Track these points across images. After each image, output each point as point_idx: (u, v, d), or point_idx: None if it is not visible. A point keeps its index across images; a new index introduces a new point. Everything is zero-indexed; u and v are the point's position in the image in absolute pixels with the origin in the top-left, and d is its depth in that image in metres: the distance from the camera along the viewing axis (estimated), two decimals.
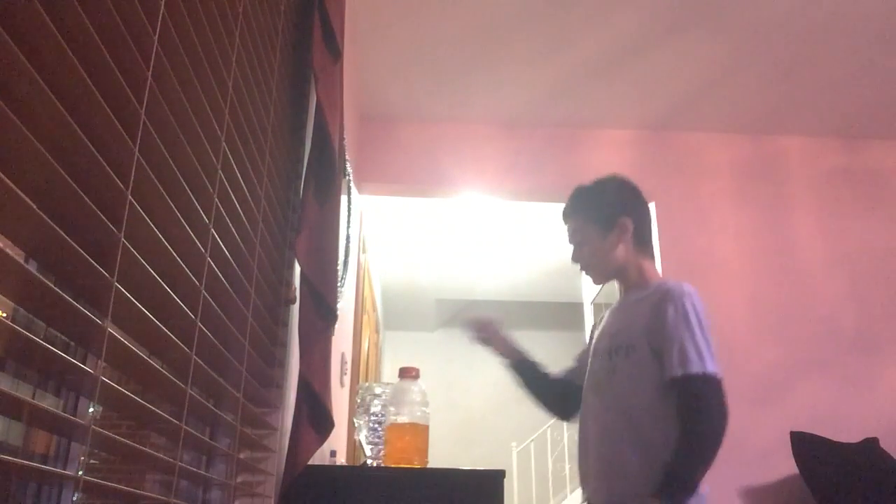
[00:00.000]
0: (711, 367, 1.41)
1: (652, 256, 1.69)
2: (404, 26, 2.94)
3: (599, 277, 1.71)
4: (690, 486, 1.36)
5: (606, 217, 1.66)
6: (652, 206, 3.57)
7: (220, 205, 1.05)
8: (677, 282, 1.53)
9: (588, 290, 5.46)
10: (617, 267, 1.66)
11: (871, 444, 2.88)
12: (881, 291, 3.44)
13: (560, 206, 1.79)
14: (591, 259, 1.68)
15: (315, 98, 1.67)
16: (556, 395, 1.81)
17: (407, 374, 1.73)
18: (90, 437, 0.69)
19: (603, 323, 1.70)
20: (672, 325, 1.45)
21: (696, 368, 1.40)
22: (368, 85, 3.33)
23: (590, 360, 1.66)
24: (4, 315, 0.72)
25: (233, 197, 1.14)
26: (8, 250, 0.54)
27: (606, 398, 1.54)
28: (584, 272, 1.72)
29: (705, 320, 1.47)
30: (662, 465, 1.38)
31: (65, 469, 0.87)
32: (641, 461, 1.43)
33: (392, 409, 1.69)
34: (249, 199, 1.25)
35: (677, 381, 1.41)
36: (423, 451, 1.66)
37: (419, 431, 1.66)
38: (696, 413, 1.39)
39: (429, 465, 1.69)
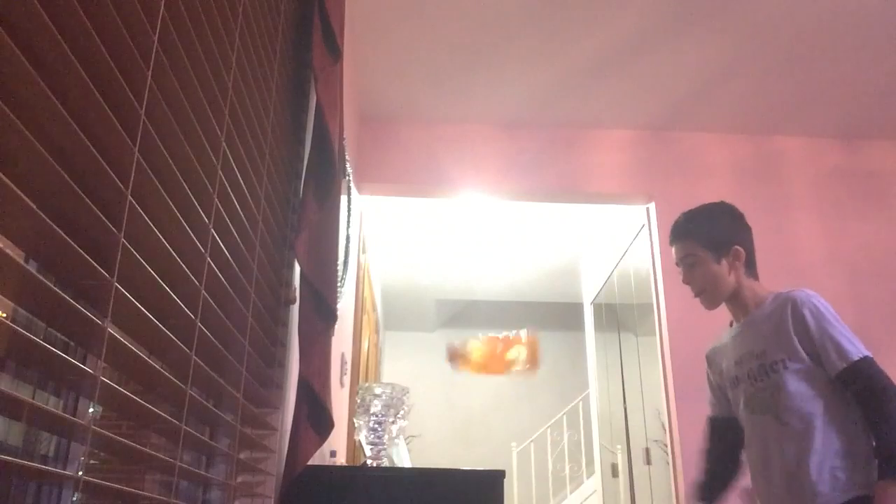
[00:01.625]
0: (865, 351, 1.53)
1: (757, 277, 1.76)
2: (404, 26, 2.94)
3: (713, 303, 1.74)
4: None
5: (720, 244, 1.74)
6: (652, 207, 3.57)
7: (220, 205, 1.05)
8: (798, 289, 1.65)
9: (588, 291, 5.46)
10: (730, 292, 1.72)
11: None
12: (881, 291, 3.44)
13: (560, 207, 1.80)
14: (704, 284, 1.72)
15: (315, 98, 1.67)
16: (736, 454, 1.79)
17: None
18: (90, 437, 0.69)
19: (733, 350, 1.72)
20: (816, 327, 1.56)
21: (854, 356, 1.51)
22: (368, 85, 3.33)
23: (737, 387, 1.69)
24: (4, 315, 0.72)
25: (233, 197, 1.14)
26: (8, 250, 0.54)
27: (782, 414, 1.57)
28: (697, 296, 1.75)
29: (835, 314, 1.60)
30: (878, 454, 1.44)
31: (65, 469, 0.87)
32: (833, 463, 1.49)
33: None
34: (249, 199, 1.25)
35: (845, 373, 1.51)
36: (506, 365, 1.69)
37: (530, 343, 1.70)
38: (874, 393, 1.48)
39: (429, 466, 1.70)
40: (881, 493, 1.40)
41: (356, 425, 1.80)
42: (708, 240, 1.75)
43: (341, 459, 2.49)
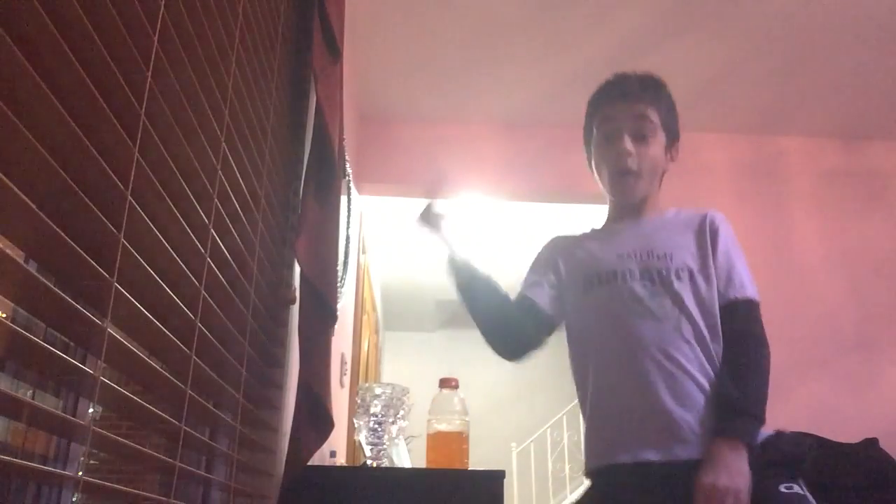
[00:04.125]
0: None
1: None
2: (404, 26, 2.94)
3: (635, 193, 1.41)
4: (762, 418, 1.22)
5: (674, 131, 1.45)
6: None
7: (219, 205, 1.05)
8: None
9: None
10: (653, 188, 1.44)
11: (871, 444, 2.88)
12: (881, 291, 3.44)
13: (560, 207, 1.75)
14: (644, 165, 1.39)
15: (315, 98, 1.67)
16: (511, 320, 1.48)
17: (447, 384, 1.80)
18: (90, 437, 0.69)
19: (614, 244, 1.42)
20: (731, 246, 1.37)
21: (754, 295, 1.33)
22: (368, 85, 3.33)
23: (604, 284, 1.37)
24: (4, 315, 0.72)
25: (233, 197, 1.13)
26: (8, 250, 0.54)
27: (666, 325, 1.28)
28: (622, 175, 1.40)
29: None
30: (727, 401, 1.22)
31: (65, 469, 0.86)
32: (708, 392, 1.26)
33: (433, 417, 1.76)
34: (249, 199, 1.25)
35: (738, 304, 1.31)
36: (465, 455, 1.74)
37: (461, 439, 1.75)
38: (755, 337, 1.28)
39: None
40: (717, 452, 1.17)
41: (356, 425, 1.80)
42: (668, 118, 1.43)
43: (341, 459, 2.49)
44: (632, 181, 1.40)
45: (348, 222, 2.58)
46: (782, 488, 1.19)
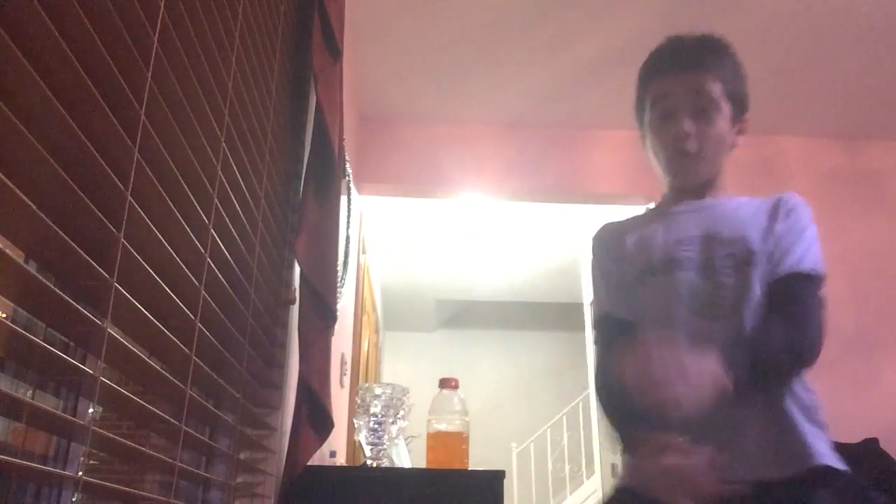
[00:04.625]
0: None
1: None
2: (404, 26, 2.94)
3: (702, 173, 1.25)
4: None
5: (743, 105, 1.27)
6: (652, 207, 3.57)
7: (219, 205, 1.05)
8: None
9: (588, 291, 5.46)
10: (718, 168, 1.27)
11: (871, 444, 2.88)
12: (881, 291, 3.44)
13: (560, 207, 1.68)
14: (706, 144, 1.22)
15: (315, 98, 1.67)
16: None
17: (447, 384, 1.81)
18: (90, 437, 0.69)
19: (671, 228, 1.26)
20: (802, 226, 1.25)
21: (812, 267, 1.21)
22: (368, 85, 3.33)
23: (660, 276, 1.19)
24: (4, 315, 0.72)
25: (233, 197, 1.13)
26: (8, 250, 0.54)
27: (720, 325, 1.13)
28: (680, 156, 1.24)
29: None
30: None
31: (65, 469, 0.86)
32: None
33: (433, 417, 1.77)
34: (249, 199, 1.25)
35: (811, 277, 1.21)
36: (464, 455, 1.75)
37: (461, 439, 1.76)
38: (819, 319, 1.18)
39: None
40: None
41: (356, 425, 1.80)
42: (733, 85, 1.26)
43: (341, 459, 2.49)
44: (692, 163, 1.24)
45: (348, 222, 2.58)
46: None
